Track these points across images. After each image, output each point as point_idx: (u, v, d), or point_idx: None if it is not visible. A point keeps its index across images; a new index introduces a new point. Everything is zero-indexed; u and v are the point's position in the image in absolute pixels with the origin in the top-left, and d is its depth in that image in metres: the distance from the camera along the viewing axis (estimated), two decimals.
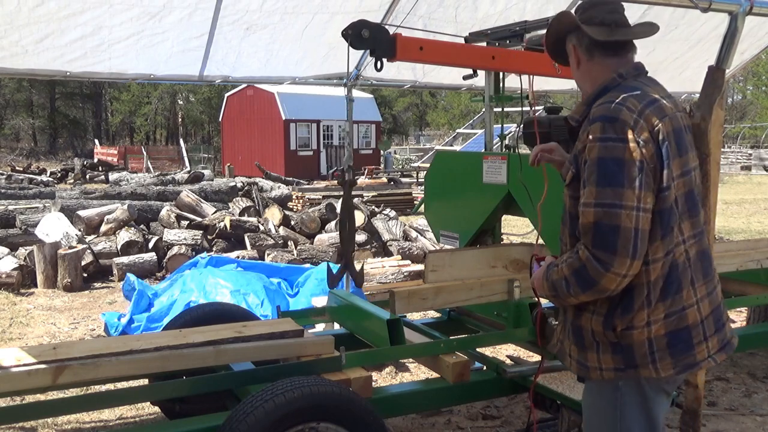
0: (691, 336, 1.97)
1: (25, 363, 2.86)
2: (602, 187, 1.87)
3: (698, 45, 5.63)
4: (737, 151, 32.68)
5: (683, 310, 1.96)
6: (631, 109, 1.92)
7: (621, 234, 1.85)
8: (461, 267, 3.48)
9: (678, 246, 1.96)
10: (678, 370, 1.97)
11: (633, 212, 1.85)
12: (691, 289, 1.98)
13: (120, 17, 4.14)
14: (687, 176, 1.99)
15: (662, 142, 1.92)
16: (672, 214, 1.93)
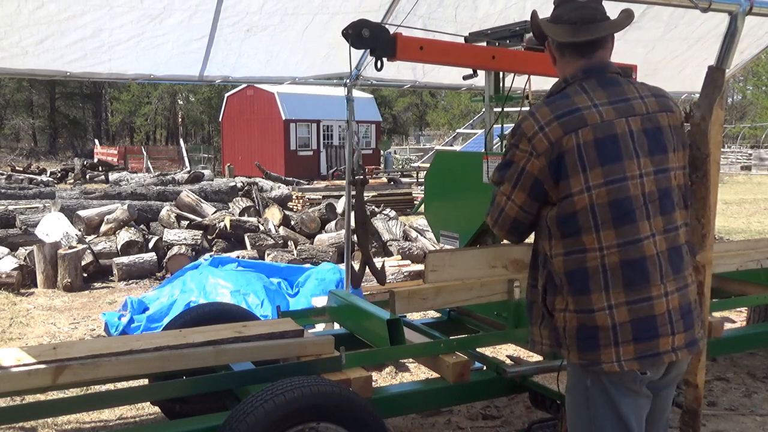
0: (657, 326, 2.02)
1: (25, 363, 2.86)
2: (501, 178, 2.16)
3: (698, 44, 5.62)
4: (737, 151, 32.67)
5: (591, 312, 2.03)
6: (537, 121, 2.04)
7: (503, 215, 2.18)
8: (461, 267, 3.48)
9: (590, 252, 2.02)
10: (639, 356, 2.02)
11: (504, 198, 2.14)
12: (603, 295, 2.02)
13: (120, 20, 4.13)
14: (614, 185, 2.00)
15: (567, 154, 1.99)
16: (576, 221, 2.02)
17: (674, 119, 2.12)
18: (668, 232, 2.06)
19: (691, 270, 2.13)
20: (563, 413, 3.04)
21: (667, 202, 2.06)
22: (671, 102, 2.14)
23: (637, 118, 2.04)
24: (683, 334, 2.06)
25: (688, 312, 2.09)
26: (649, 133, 2.04)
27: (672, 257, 2.06)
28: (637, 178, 2.02)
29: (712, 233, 2.95)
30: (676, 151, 2.10)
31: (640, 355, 2.02)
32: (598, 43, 2.11)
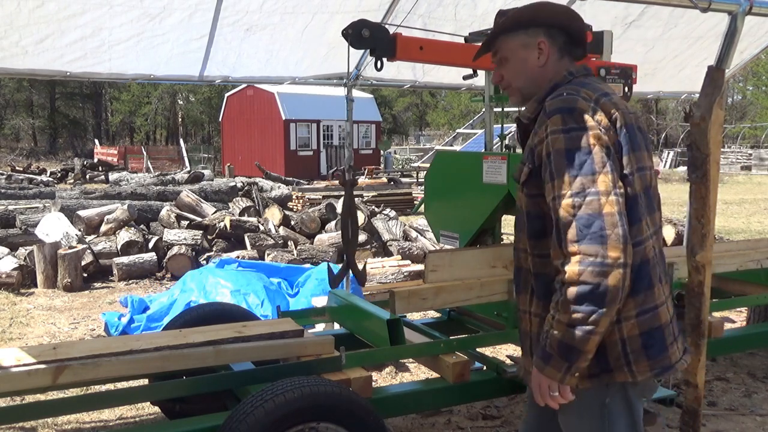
0: (664, 336, 1.90)
1: (25, 363, 2.86)
2: (575, 177, 1.79)
3: (697, 43, 5.63)
4: (737, 151, 32.68)
5: (656, 309, 1.88)
6: (587, 99, 1.89)
7: (606, 220, 1.75)
8: (461, 267, 3.48)
9: (647, 240, 1.88)
10: (656, 371, 1.89)
11: (612, 197, 1.77)
12: (660, 287, 1.91)
13: (120, 19, 4.13)
14: (643, 172, 1.92)
15: (620, 130, 1.87)
16: (638, 203, 1.86)
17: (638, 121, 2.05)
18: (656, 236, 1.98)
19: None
20: None
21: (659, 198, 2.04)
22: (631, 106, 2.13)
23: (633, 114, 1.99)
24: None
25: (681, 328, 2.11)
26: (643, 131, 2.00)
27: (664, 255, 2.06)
28: (649, 170, 1.96)
29: (712, 233, 2.95)
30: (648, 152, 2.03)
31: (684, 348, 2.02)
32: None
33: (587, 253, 1.74)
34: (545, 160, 1.87)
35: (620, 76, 2.85)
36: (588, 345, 1.79)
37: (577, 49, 2.08)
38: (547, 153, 1.86)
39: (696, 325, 3.02)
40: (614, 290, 1.74)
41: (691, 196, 2.92)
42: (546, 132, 1.87)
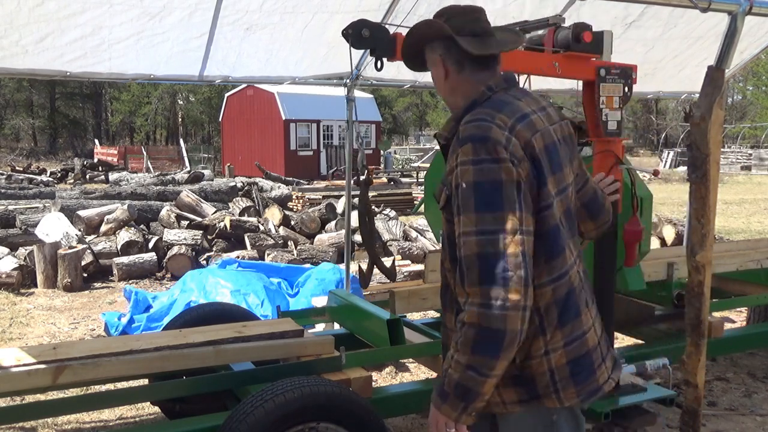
0: (592, 360, 1.86)
1: (25, 363, 2.86)
2: (481, 213, 1.69)
3: (697, 43, 5.62)
4: (737, 151, 32.68)
5: (583, 336, 1.84)
6: (502, 127, 1.75)
7: (509, 261, 1.66)
8: None
9: (572, 267, 1.83)
10: (582, 398, 1.85)
11: (518, 236, 1.68)
12: (588, 311, 1.87)
13: (120, 18, 4.13)
14: (564, 193, 1.85)
15: (540, 156, 1.77)
16: (560, 232, 1.79)
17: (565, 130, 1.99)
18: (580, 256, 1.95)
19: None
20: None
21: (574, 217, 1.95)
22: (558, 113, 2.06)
23: (557, 126, 1.91)
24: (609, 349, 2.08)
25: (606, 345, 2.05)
26: (568, 142, 1.94)
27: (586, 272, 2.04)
28: (571, 186, 1.91)
29: (712, 233, 2.95)
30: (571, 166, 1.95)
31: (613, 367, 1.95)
32: (498, 56, 1.97)
33: (488, 296, 1.67)
34: (454, 192, 1.77)
35: (620, 76, 2.85)
36: (484, 387, 1.73)
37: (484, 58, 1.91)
38: (456, 184, 1.75)
39: (696, 325, 3.02)
40: (512, 334, 1.68)
41: (691, 196, 2.92)
42: (456, 161, 1.76)
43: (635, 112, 45.95)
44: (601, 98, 2.82)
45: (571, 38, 2.73)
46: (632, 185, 2.96)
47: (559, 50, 2.78)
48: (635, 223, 2.93)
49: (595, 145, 2.96)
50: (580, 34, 2.72)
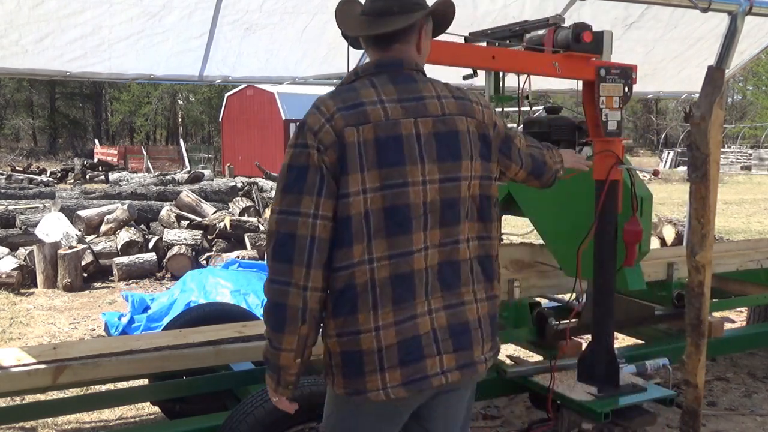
0: (363, 362, 1.82)
1: (25, 363, 2.86)
2: (285, 194, 1.80)
3: (698, 44, 5.62)
4: (737, 151, 32.69)
5: (357, 334, 1.82)
6: (323, 113, 1.81)
7: (298, 243, 1.76)
8: None
9: (361, 265, 1.80)
10: (349, 392, 1.85)
11: (310, 219, 1.76)
12: (371, 315, 1.81)
13: (120, 17, 4.13)
14: (392, 190, 1.80)
15: (348, 149, 1.77)
16: (350, 226, 1.79)
17: (478, 125, 1.93)
18: (445, 246, 1.87)
19: (477, 287, 1.93)
20: (563, 413, 3.05)
21: (450, 214, 1.87)
22: (477, 107, 1.95)
23: (428, 120, 1.85)
24: (453, 355, 1.87)
25: (463, 332, 1.89)
26: (440, 137, 1.86)
27: (444, 272, 1.88)
28: (420, 185, 1.82)
29: (712, 233, 2.96)
30: (474, 160, 1.90)
31: (407, 381, 1.83)
32: (395, 37, 1.90)
33: (277, 271, 1.78)
34: None
35: (620, 76, 2.85)
36: (280, 361, 1.82)
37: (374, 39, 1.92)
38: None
39: (696, 325, 3.02)
40: (292, 310, 1.76)
41: (691, 196, 2.92)
42: None
43: (635, 112, 45.94)
44: (601, 98, 2.82)
45: (571, 38, 2.73)
46: (632, 185, 2.96)
47: (559, 50, 2.78)
48: (635, 223, 2.93)
49: (595, 145, 2.96)
50: (580, 34, 2.72)
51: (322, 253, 1.78)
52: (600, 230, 2.94)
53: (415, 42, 1.95)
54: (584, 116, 2.98)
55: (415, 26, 1.93)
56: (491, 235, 1.99)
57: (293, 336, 1.79)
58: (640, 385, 3.06)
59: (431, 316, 1.86)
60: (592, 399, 2.94)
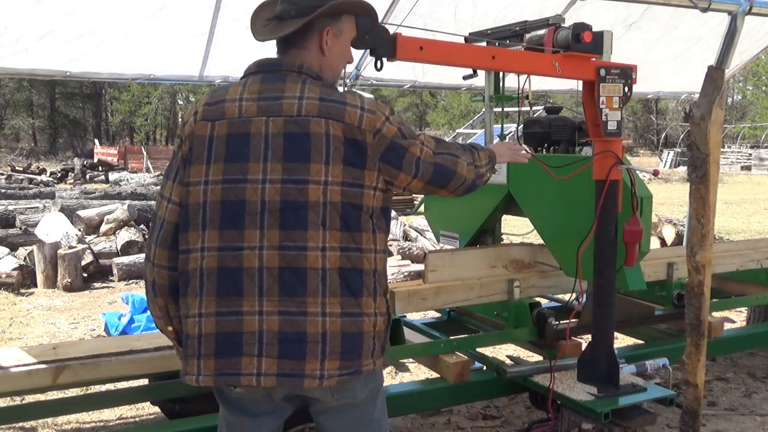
0: (187, 345, 1.92)
1: (25, 363, 2.86)
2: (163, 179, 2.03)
3: (698, 44, 5.63)
4: (737, 151, 32.70)
5: (186, 317, 1.92)
6: (194, 107, 2.01)
7: (156, 222, 1.98)
8: (461, 267, 3.48)
9: (193, 252, 1.89)
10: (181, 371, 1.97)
11: (164, 202, 1.97)
12: (196, 300, 1.88)
13: (120, 16, 4.14)
14: (230, 185, 1.85)
15: (198, 141, 1.91)
16: (187, 214, 1.91)
17: (345, 129, 1.85)
18: (286, 250, 1.83)
19: (329, 300, 1.84)
20: (563, 413, 3.05)
21: (292, 217, 1.83)
22: (353, 111, 1.86)
23: (280, 120, 1.85)
24: (275, 361, 1.83)
25: (296, 341, 1.83)
26: (290, 138, 1.84)
27: (285, 277, 1.83)
28: (259, 183, 1.84)
29: (712, 233, 2.96)
30: (331, 164, 1.83)
31: (218, 372, 1.86)
32: (291, 41, 1.97)
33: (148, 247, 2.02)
34: None
35: (620, 76, 2.85)
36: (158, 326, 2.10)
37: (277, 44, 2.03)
38: None
39: (696, 325, 3.02)
40: (148, 284, 2.02)
41: (691, 196, 2.92)
42: None
43: (635, 112, 45.95)
44: (601, 98, 2.82)
45: (571, 38, 2.73)
46: (632, 185, 2.96)
47: (559, 50, 2.78)
48: (635, 223, 2.93)
49: (595, 145, 2.96)
50: (580, 34, 2.72)
51: (167, 235, 1.96)
52: (600, 230, 2.94)
53: (316, 44, 1.98)
54: (584, 116, 2.98)
55: (312, 29, 1.96)
56: (362, 247, 1.88)
57: (154, 305, 2.03)
58: (640, 385, 3.06)
59: (261, 317, 1.84)
60: (592, 399, 2.94)
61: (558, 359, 3.18)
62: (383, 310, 1.95)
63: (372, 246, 1.90)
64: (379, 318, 1.93)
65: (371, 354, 1.91)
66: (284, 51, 2.01)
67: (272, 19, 2.00)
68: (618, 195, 2.93)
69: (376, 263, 1.92)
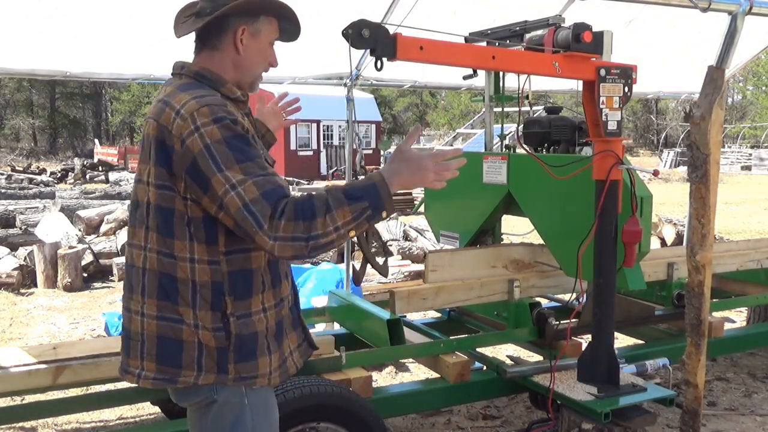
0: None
1: (25, 363, 2.86)
2: None
3: (698, 44, 5.62)
4: (737, 151, 32.68)
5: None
6: None
7: None
8: (461, 267, 3.48)
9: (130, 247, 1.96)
10: None
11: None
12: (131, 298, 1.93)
13: (120, 17, 4.14)
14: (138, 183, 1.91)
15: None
16: None
17: (158, 129, 1.81)
18: (131, 246, 1.93)
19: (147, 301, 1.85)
20: (563, 413, 3.05)
21: (135, 215, 1.91)
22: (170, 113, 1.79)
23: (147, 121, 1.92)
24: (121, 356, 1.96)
25: (126, 337, 1.92)
26: (143, 139, 1.92)
27: (127, 273, 1.95)
28: (135, 182, 1.94)
29: (712, 233, 2.95)
30: (150, 164, 1.84)
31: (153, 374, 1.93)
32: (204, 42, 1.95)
33: None
34: None
35: (620, 76, 2.85)
36: None
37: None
38: None
39: (696, 325, 3.02)
40: None
41: (691, 196, 2.92)
42: None
43: (635, 112, 45.94)
44: (601, 98, 2.82)
45: (571, 38, 2.73)
46: (632, 185, 2.96)
47: (559, 50, 2.78)
48: (634, 223, 2.93)
49: (595, 145, 2.96)
50: (580, 34, 2.72)
51: None
52: (600, 230, 2.94)
53: (231, 43, 1.93)
54: (584, 116, 2.98)
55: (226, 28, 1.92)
56: (175, 254, 1.82)
57: None
58: (640, 385, 3.06)
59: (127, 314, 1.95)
60: (592, 399, 2.94)
61: (558, 359, 3.18)
62: (210, 324, 1.82)
63: (187, 255, 1.81)
64: (204, 332, 1.82)
65: (195, 367, 1.83)
66: (197, 52, 1.98)
67: (190, 15, 1.97)
68: (618, 195, 2.93)
69: (196, 274, 1.82)
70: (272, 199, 1.71)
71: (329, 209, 1.71)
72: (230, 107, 1.84)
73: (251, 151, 1.76)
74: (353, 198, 1.73)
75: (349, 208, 1.72)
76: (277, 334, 1.94)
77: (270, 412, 1.97)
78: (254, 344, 1.87)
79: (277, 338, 1.94)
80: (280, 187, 1.74)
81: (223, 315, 1.83)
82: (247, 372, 1.86)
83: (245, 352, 1.85)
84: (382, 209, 1.77)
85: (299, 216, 1.70)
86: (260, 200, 1.70)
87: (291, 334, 2.01)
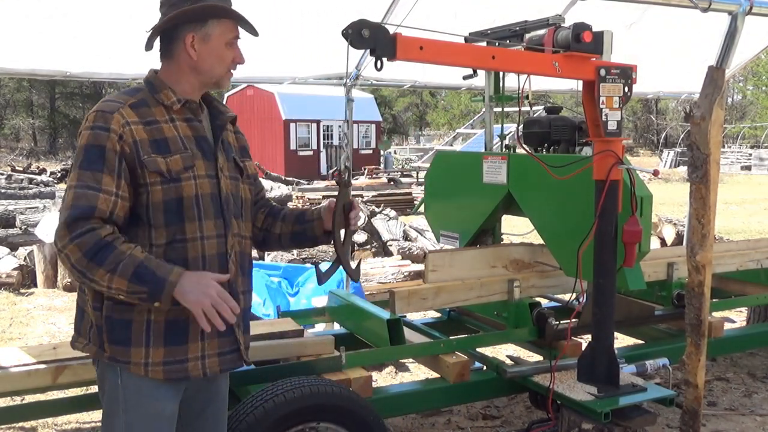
0: None
1: (25, 363, 2.86)
2: None
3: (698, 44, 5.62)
4: (737, 151, 32.69)
5: None
6: None
7: None
8: (461, 267, 3.48)
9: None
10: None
11: None
12: None
13: (120, 17, 4.14)
14: None
15: None
16: None
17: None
18: None
19: None
20: (563, 413, 3.05)
21: None
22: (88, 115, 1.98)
23: None
24: None
25: None
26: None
27: None
28: None
29: (712, 233, 2.96)
30: None
31: None
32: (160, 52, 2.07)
33: None
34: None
35: (620, 76, 2.85)
36: None
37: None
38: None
39: (696, 325, 3.02)
40: None
41: (691, 196, 2.93)
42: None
43: (635, 112, 45.93)
44: (601, 98, 2.82)
45: (571, 38, 2.73)
46: (632, 185, 2.96)
47: (559, 50, 2.78)
48: (634, 223, 2.93)
49: (595, 145, 2.96)
50: (580, 34, 2.72)
51: None
52: (600, 230, 2.94)
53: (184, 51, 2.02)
54: (584, 116, 2.98)
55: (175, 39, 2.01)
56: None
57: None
58: (640, 385, 3.06)
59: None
60: (592, 399, 2.94)
61: (558, 359, 3.18)
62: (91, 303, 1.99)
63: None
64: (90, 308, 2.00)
65: (88, 337, 2.02)
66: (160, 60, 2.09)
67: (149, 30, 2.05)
68: (618, 195, 2.93)
69: None
70: (76, 211, 1.86)
71: (114, 271, 1.84)
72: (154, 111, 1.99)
73: (97, 163, 1.89)
74: (139, 279, 1.86)
75: (129, 284, 1.85)
76: (168, 331, 1.98)
77: (145, 401, 1.99)
78: (127, 332, 1.97)
79: (169, 336, 1.98)
80: (90, 207, 1.86)
81: (101, 296, 1.97)
82: (119, 355, 1.98)
83: (116, 336, 1.97)
84: (156, 301, 1.89)
85: (89, 254, 1.85)
86: (69, 207, 1.88)
87: (212, 341, 2.04)
